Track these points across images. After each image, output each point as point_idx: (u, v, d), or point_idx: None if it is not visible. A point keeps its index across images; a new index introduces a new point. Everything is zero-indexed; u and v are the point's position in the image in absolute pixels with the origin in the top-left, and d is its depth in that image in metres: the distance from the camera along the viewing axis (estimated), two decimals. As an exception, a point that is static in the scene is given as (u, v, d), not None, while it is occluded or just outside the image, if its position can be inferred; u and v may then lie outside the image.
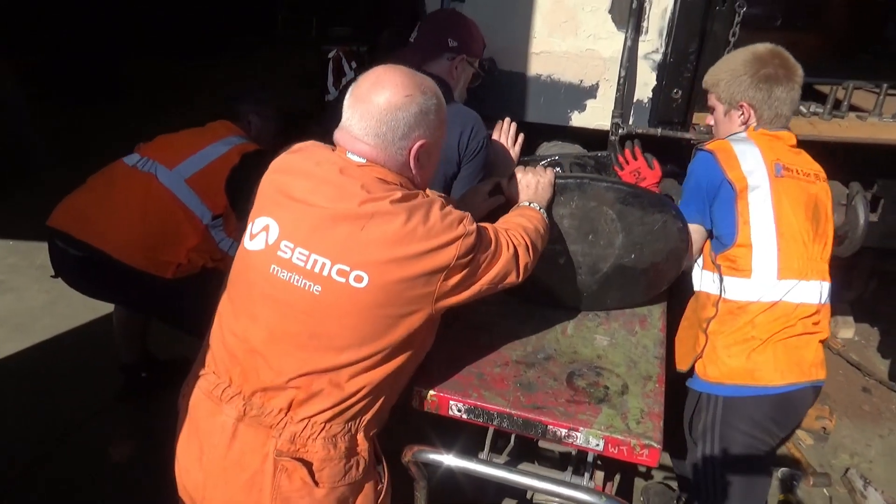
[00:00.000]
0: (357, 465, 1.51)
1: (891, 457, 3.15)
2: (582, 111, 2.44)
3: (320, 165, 1.47)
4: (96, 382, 3.26)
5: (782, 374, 1.89)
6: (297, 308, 1.42)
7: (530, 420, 1.68)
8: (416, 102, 1.45)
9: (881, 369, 3.70)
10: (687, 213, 1.98)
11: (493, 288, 1.58)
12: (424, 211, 1.42)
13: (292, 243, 1.43)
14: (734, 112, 2.02)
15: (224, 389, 1.49)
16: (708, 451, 1.99)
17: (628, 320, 2.13)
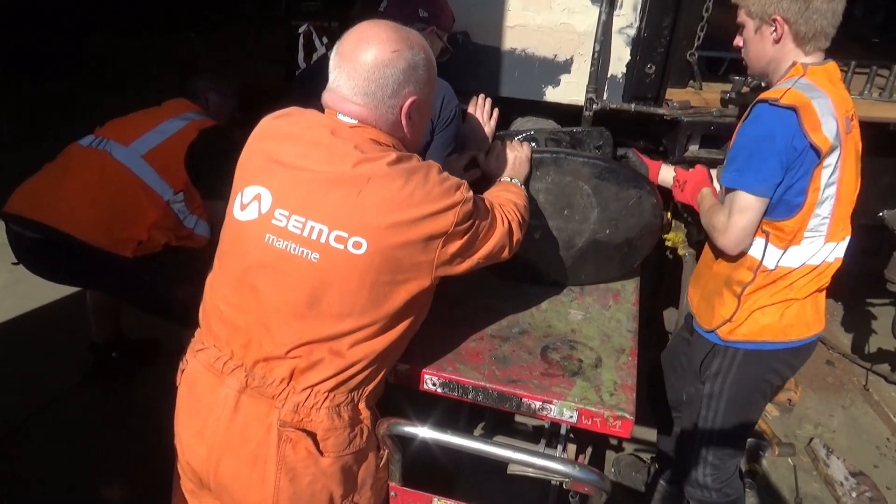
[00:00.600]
0: (361, 433, 1.52)
1: (852, 427, 3.26)
2: (556, 86, 2.42)
3: (310, 128, 1.43)
4: (62, 364, 3.20)
5: (809, 327, 1.92)
6: (295, 277, 1.40)
7: (505, 393, 1.69)
8: (404, 57, 1.40)
9: (844, 343, 3.80)
10: (750, 182, 1.71)
11: (488, 262, 1.58)
12: (423, 174, 1.39)
13: (287, 211, 1.39)
14: (766, 28, 1.78)
15: (225, 362, 1.47)
16: (717, 390, 1.99)
17: (602, 295, 2.15)
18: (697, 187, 2.03)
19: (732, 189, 1.76)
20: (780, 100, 1.67)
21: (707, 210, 1.92)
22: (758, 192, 1.72)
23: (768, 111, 1.69)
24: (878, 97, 2.50)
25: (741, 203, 1.74)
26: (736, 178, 1.74)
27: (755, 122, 1.73)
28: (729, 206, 1.78)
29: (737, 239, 1.79)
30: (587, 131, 2.31)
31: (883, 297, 3.83)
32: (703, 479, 2.10)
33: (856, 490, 2.77)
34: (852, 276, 3.86)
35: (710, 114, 2.35)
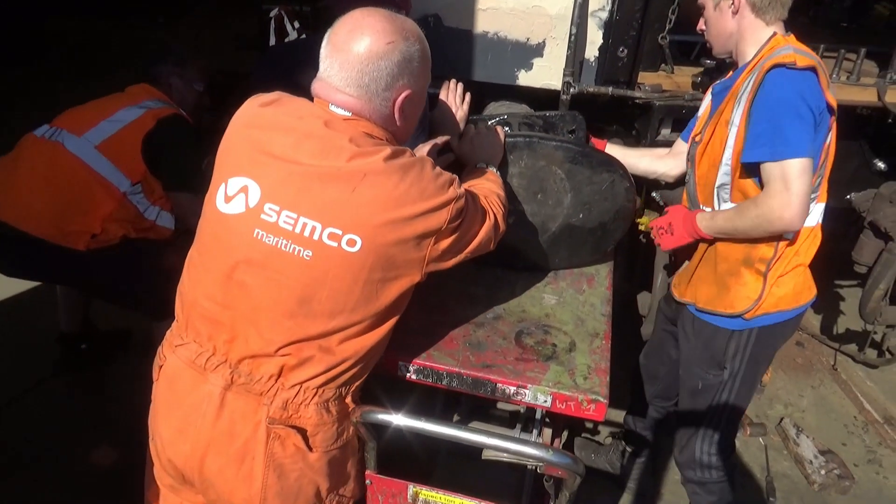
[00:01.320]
0: (348, 427, 1.51)
1: (821, 406, 3.32)
2: (529, 70, 2.40)
3: (303, 119, 1.38)
4: (29, 356, 3.13)
5: (811, 290, 1.97)
6: (286, 274, 1.35)
7: (479, 379, 1.69)
8: (399, 49, 1.36)
9: (813, 324, 3.87)
10: (795, 147, 1.64)
11: (474, 255, 1.57)
12: (417, 171, 1.37)
13: (278, 206, 1.34)
14: (723, 3, 1.84)
15: (208, 358, 1.42)
16: (735, 371, 2.00)
17: (576, 279, 2.15)
18: (688, 219, 1.96)
19: (776, 161, 1.67)
20: (797, 62, 1.66)
21: (735, 214, 1.82)
22: (807, 153, 1.65)
23: (789, 75, 1.67)
24: (846, 81, 2.53)
25: (795, 170, 1.65)
26: (779, 149, 1.66)
27: (778, 86, 1.68)
28: (781, 179, 1.67)
29: (803, 209, 1.68)
30: (560, 115, 2.30)
31: (850, 279, 3.90)
32: (708, 458, 2.13)
33: (825, 468, 2.84)
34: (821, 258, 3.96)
35: (682, 97, 2.36)
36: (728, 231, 1.86)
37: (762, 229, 1.76)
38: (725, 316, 1.96)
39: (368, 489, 1.73)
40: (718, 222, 1.88)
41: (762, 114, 1.70)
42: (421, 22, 2.37)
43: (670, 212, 2.04)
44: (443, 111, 2.12)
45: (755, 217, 1.75)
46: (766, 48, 1.78)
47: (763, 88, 1.71)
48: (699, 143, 1.96)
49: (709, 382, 2.05)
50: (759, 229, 1.77)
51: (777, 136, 1.66)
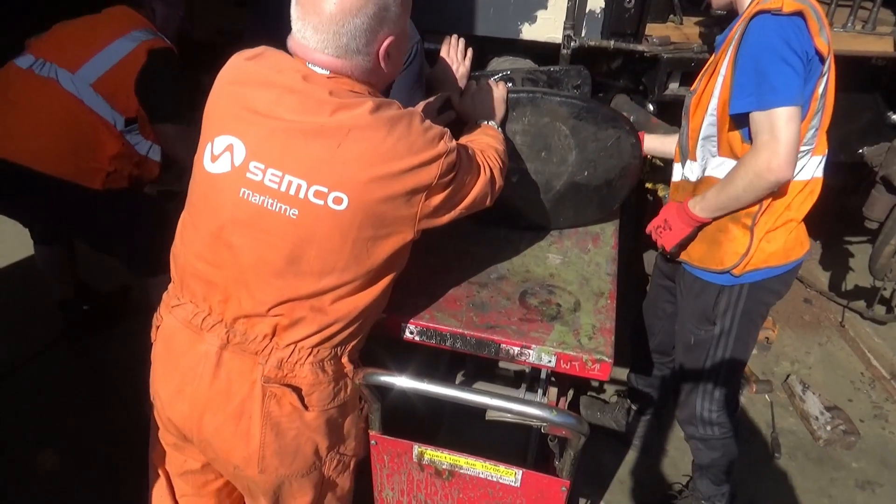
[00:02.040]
0: (345, 387, 1.50)
1: (828, 362, 3.32)
2: (532, 23, 2.33)
3: (282, 73, 1.32)
4: (35, 323, 3.15)
5: (803, 246, 1.93)
6: (273, 234, 1.33)
7: (483, 339, 1.67)
8: (373, 1, 1.27)
9: (822, 280, 3.85)
10: (782, 95, 1.60)
11: (470, 211, 1.53)
12: (406, 124, 1.32)
13: (262, 164, 1.31)
14: None
15: (204, 318, 1.42)
16: (727, 327, 1.99)
17: (581, 238, 2.12)
18: (681, 209, 1.92)
19: (764, 110, 1.62)
20: (783, 8, 1.59)
21: (724, 182, 1.79)
22: (795, 101, 1.60)
23: (773, 20, 1.60)
24: (861, 30, 2.44)
25: (782, 118, 1.60)
26: (766, 98, 1.60)
27: (762, 33, 1.62)
28: (769, 130, 1.62)
29: (791, 157, 1.64)
30: (565, 70, 2.24)
31: (860, 235, 3.86)
32: (709, 415, 2.13)
33: (830, 424, 2.84)
34: (831, 213, 3.91)
35: (691, 50, 2.29)
36: (723, 203, 1.81)
37: (755, 187, 1.71)
38: (715, 272, 1.94)
39: (373, 449, 1.74)
40: (710, 199, 1.84)
41: (746, 63, 1.64)
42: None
43: (663, 210, 2.00)
44: (443, 68, 2.06)
45: (744, 175, 1.70)
46: None
47: (746, 36, 1.64)
48: (694, 93, 1.91)
49: (700, 338, 2.05)
50: (752, 188, 1.71)
51: (763, 84, 1.60)
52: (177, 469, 1.65)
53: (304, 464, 1.51)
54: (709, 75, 1.85)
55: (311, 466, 1.52)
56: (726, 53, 1.76)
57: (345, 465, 1.62)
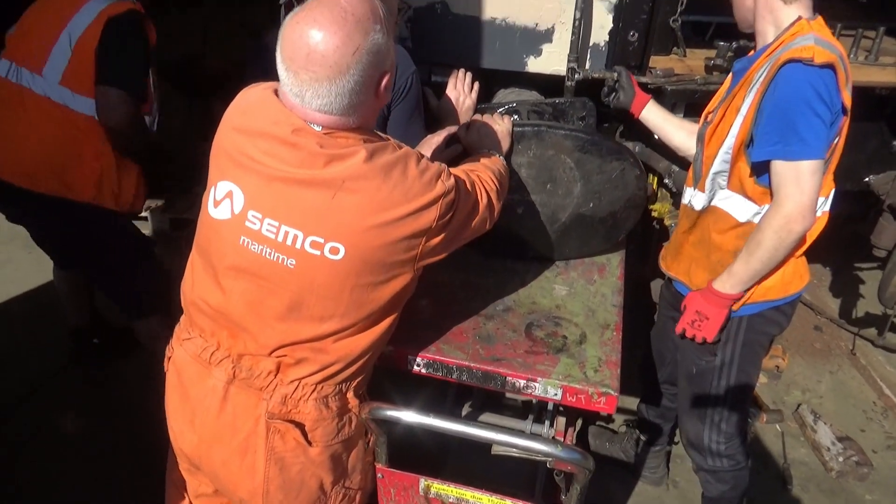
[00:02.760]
0: (349, 422, 1.51)
1: (840, 391, 3.28)
2: (538, 56, 2.36)
3: (277, 125, 1.31)
4: (46, 350, 3.17)
5: (803, 279, 1.91)
6: (273, 281, 1.35)
7: (489, 372, 1.68)
8: (365, 50, 1.24)
9: (832, 308, 3.82)
10: (817, 148, 1.60)
11: (470, 239, 1.55)
12: (401, 169, 1.31)
13: (260, 213, 1.33)
14: None
15: (213, 353, 1.45)
16: (728, 358, 1.97)
17: (587, 269, 2.13)
18: (708, 295, 1.85)
19: (790, 161, 1.61)
20: (814, 59, 1.58)
21: (750, 248, 1.73)
22: (821, 155, 1.61)
23: (805, 71, 1.59)
24: (864, 61, 2.46)
25: (808, 171, 1.60)
26: (794, 149, 1.60)
27: (792, 83, 1.61)
28: (795, 182, 1.61)
29: (815, 208, 1.65)
30: (570, 102, 2.27)
31: (869, 262, 3.84)
32: (717, 446, 2.11)
33: (842, 454, 2.80)
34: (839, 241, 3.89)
35: (695, 81, 2.31)
36: (755, 270, 1.76)
37: (785, 243, 1.68)
38: None
39: (380, 482, 1.74)
40: (739, 272, 1.77)
41: (774, 111, 1.63)
42: (428, 9, 2.34)
43: (687, 304, 1.93)
44: (449, 101, 2.09)
45: (772, 234, 1.67)
46: (788, 34, 1.69)
47: (776, 83, 1.64)
48: (710, 123, 1.91)
49: (702, 368, 2.03)
50: (783, 244, 1.68)
51: (791, 135, 1.60)
52: (192, 491, 1.68)
53: (309, 498, 1.51)
54: (725, 107, 1.83)
55: (315, 501, 1.53)
56: (748, 91, 1.74)
57: (350, 498, 1.62)
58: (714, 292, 1.83)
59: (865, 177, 2.79)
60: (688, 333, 1.91)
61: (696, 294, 1.90)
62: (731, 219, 1.84)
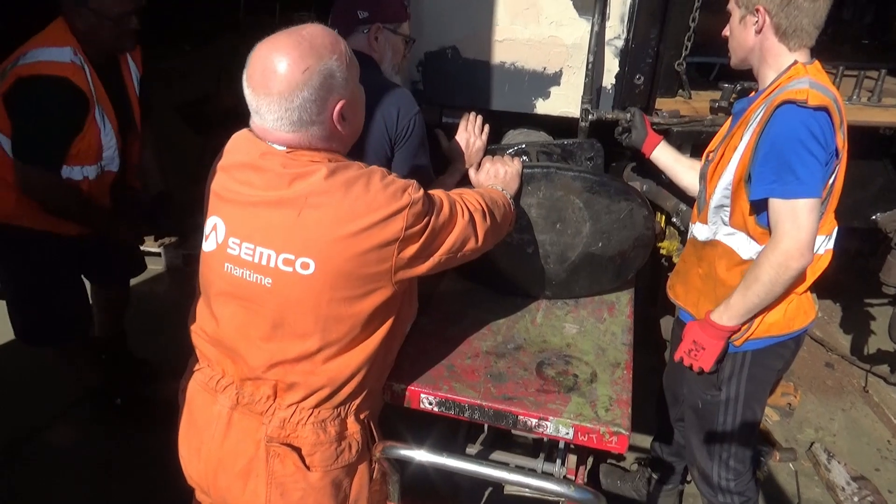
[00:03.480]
0: (349, 447, 1.53)
1: (853, 429, 3.25)
2: (546, 98, 2.42)
3: (248, 154, 1.42)
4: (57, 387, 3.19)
5: (808, 315, 1.92)
6: (255, 302, 1.42)
7: (501, 411, 1.69)
8: (317, 72, 1.32)
9: (843, 344, 3.80)
10: (813, 187, 1.63)
11: (453, 257, 1.54)
12: (364, 182, 1.36)
13: (238, 239, 1.42)
14: (749, 18, 1.78)
15: (218, 381, 1.52)
16: (734, 393, 1.97)
17: (597, 307, 2.15)
18: (705, 326, 1.88)
19: (786, 200, 1.65)
20: (808, 101, 1.61)
21: (747, 282, 1.76)
22: (817, 194, 1.64)
23: (799, 113, 1.63)
24: (867, 101, 2.50)
25: (805, 209, 1.64)
26: (790, 188, 1.64)
27: (787, 124, 1.65)
28: (792, 220, 1.65)
29: (812, 245, 1.69)
30: (578, 143, 2.32)
31: (880, 298, 3.82)
32: (727, 483, 2.10)
33: (857, 495, 2.77)
34: (850, 277, 3.89)
35: (701, 123, 2.35)
36: (752, 304, 1.79)
37: (782, 279, 1.71)
38: None
39: (392, 521, 1.74)
40: (736, 304, 1.80)
41: (770, 151, 1.67)
42: (439, 53, 2.41)
43: (684, 335, 1.94)
44: (460, 143, 2.15)
45: (769, 269, 1.70)
46: (784, 77, 1.74)
47: (771, 125, 1.68)
48: (711, 161, 1.96)
49: (708, 402, 2.03)
50: (780, 280, 1.71)
51: (787, 174, 1.64)
52: None
53: None
54: (725, 146, 1.88)
55: None
56: (745, 130, 1.79)
57: None
58: (711, 323, 1.86)
59: (872, 214, 2.81)
60: (685, 362, 1.94)
61: (695, 324, 1.92)
62: (735, 255, 1.86)
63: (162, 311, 3.57)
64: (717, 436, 2.05)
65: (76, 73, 2.29)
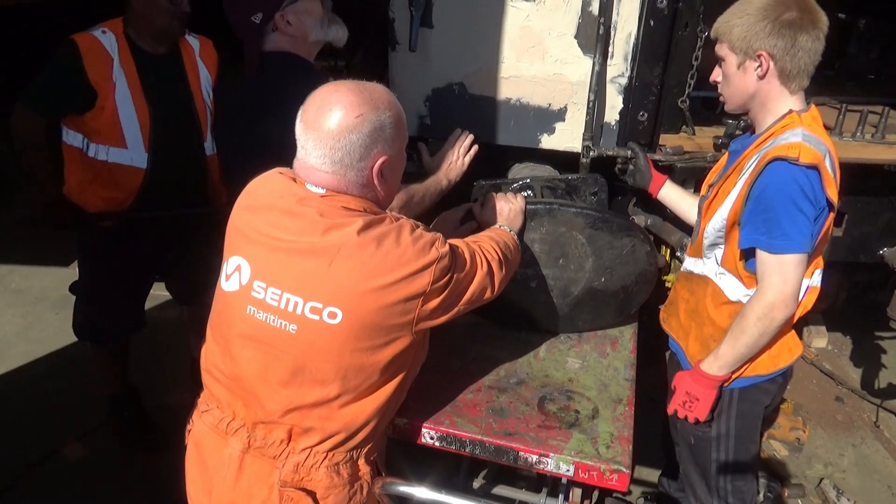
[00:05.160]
0: (361, 489, 1.54)
1: (863, 466, 3.21)
2: (551, 134, 2.46)
3: (282, 197, 1.43)
4: (72, 409, 3.23)
5: (792, 353, 1.91)
6: (277, 347, 1.43)
7: (502, 447, 1.70)
8: (369, 120, 1.37)
9: (853, 378, 3.77)
10: (801, 243, 1.65)
11: (470, 307, 1.59)
12: (394, 237, 1.39)
13: (264, 283, 1.42)
14: (750, 63, 1.74)
15: (229, 423, 1.51)
16: (724, 430, 1.97)
17: (600, 342, 2.16)
18: (696, 377, 1.89)
19: (772, 253, 1.67)
20: (799, 159, 1.62)
21: (734, 333, 1.78)
22: (805, 249, 1.67)
23: (789, 170, 1.64)
24: (871, 138, 2.52)
25: (791, 264, 1.67)
26: (777, 243, 1.66)
27: (776, 180, 1.66)
28: (779, 273, 1.68)
29: (797, 297, 1.72)
30: (583, 178, 2.35)
31: (891, 332, 3.81)
32: None
33: (867, 533, 2.73)
34: (860, 310, 3.87)
35: (704, 159, 2.38)
36: (740, 354, 1.80)
37: (769, 329, 1.73)
38: None
39: (393, 556, 1.74)
40: (725, 355, 1.81)
41: (759, 205, 1.68)
42: (446, 89, 2.46)
43: (677, 385, 1.94)
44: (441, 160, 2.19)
45: (756, 321, 1.72)
46: (779, 126, 1.74)
47: (762, 179, 1.69)
48: (707, 197, 1.97)
49: (699, 437, 2.03)
50: (767, 330, 1.73)
51: (775, 229, 1.65)
52: None
53: None
54: (720, 185, 1.89)
55: None
56: (738, 177, 1.80)
57: None
58: (702, 373, 1.86)
59: (879, 249, 2.81)
60: (679, 414, 1.92)
61: (685, 374, 1.92)
62: (723, 296, 1.88)
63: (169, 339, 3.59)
64: (714, 472, 2.05)
65: (91, 40, 2.38)
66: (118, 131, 2.45)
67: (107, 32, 2.41)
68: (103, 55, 2.38)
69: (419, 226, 1.48)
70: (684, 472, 2.25)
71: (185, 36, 2.58)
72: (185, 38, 2.59)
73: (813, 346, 3.94)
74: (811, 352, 3.91)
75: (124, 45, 2.42)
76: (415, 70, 2.45)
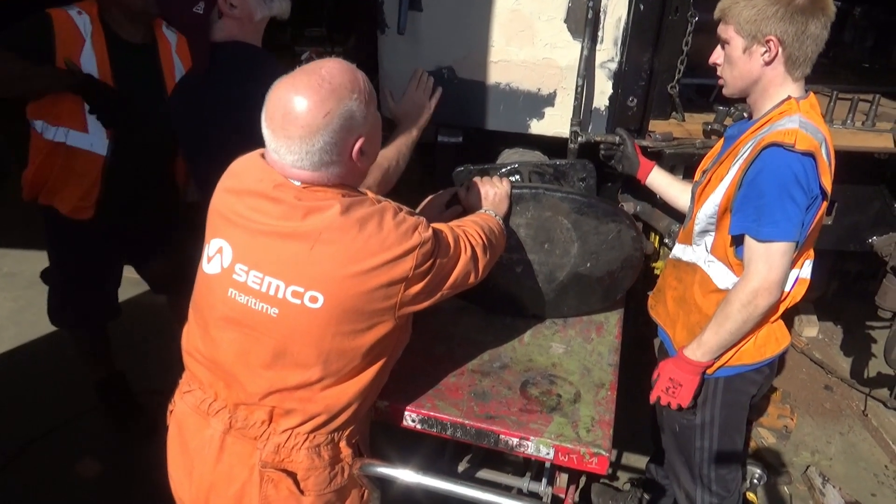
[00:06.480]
0: (342, 471, 1.55)
1: (850, 454, 3.22)
2: (540, 119, 2.45)
3: (261, 182, 1.42)
4: (63, 393, 3.23)
5: (779, 343, 1.92)
6: (258, 330, 1.43)
7: (482, 430, 1.71)
8: (338, 115, 1.33)
9: (843, 367, 3.78)
10: (789, 231, 1.64)
11: (454, 291, 1.59)
12: (377, 220, 1.38)
13: (246, 266, 1.42)
14: (757, 48, 1.69)
15: (210, 404, 1.51)
16: (708, 418, 1.98)
17: (585, 328, 2.16)
18: (679, 363, 1.89)
19: (760, 240, 1.67)
20: (795, 146, 1.60)
21: (718, 318, 1.77)
22: (793, 238, 1.66)
23: (784, 156, 1.62)
24: (861, 126, 2.51)
25: (778, 252, 1.67)
26: (765, 230, 1.65)
27: (771, 166, 1.64)
28: (765, 260, 1.67)
29: (782, 285, 1.72)
30: (571, 164, 2.34)
31: (881, 321, 3.80)
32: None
33: (851, 519, 2.75)
34: (850, 299, 3.87)
35: (693, 145, 2.37)
36: (724, 340, 1.80)
37: (753, 316, 1.73)
38: None
39: (374, 538, 1.75)
40: (709, 341, 1.80)
41: (752, 190, 1.67)
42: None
43: (660, 372, 1.94)
44: (408, 103, 2.19)
45: (740, 307, 1.72)
46: (776, 112, 1.72)
47: (756, 165, 1.67)
48: (700, 183, 1.96)
49: (683, 425, 2.03)
50: (751, 317, 1.73)
51: (764, 216, 1.64)
52: None
53: None
54: (715, 170, 1.88)
55: None
56: (733, 163, 1.78)
57: None
58: (685, 359, 1.86)
59: (869, 238, 2.81)
60: (662, 401, 1.92)
61: (669, 361, 1.92)
62: (711, 283, 1.87)
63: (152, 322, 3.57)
64: (697, 459, 2.05)
65: (66, 17, 2.33)
66: (80, 114, 2.40)
67: (82, 14, 2.36)
68: (76, 35, 2.33)
69: (402, 209, 1.47)
70: (669, 460, 2.26)
71: (160, 20, 2.51)
72: (163, 32, 2.54)
73: (804, 335, 3.94)
74: (802, 341, 3.91)
75: (98, 29, 2.38)
76: (404, 54, 2.43)
